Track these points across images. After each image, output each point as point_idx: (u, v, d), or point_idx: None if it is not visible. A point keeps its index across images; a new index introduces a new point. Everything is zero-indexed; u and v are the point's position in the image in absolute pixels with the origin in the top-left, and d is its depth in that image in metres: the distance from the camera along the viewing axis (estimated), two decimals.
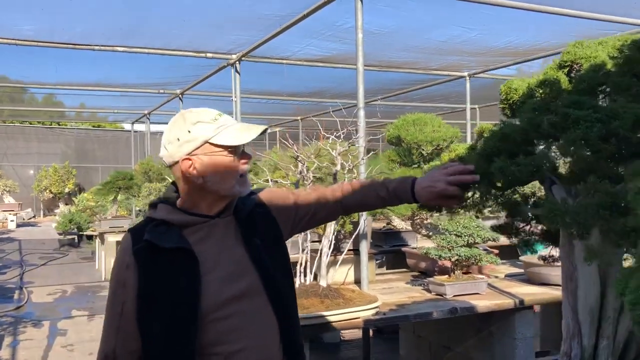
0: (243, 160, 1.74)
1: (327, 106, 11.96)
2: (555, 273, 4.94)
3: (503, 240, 4.55)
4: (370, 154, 4.29)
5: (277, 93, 10.76)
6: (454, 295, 4.49)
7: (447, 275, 4.69)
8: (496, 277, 5.38)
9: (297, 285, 3.91)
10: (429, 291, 4.69)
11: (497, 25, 6.32)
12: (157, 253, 1.65)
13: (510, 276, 5.51)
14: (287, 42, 6.93)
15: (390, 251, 6.43)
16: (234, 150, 1.71)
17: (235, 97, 7.78)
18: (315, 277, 4.12)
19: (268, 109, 12.72)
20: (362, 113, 4.72)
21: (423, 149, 5.52)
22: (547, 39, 6.91)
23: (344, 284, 4.90)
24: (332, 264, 4.40)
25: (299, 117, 15.66)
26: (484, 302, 4.34)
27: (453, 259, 4.48)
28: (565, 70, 2.04)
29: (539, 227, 2.59)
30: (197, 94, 10.50)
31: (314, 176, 3.88)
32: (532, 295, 4.58)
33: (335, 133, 4.02)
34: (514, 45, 7.22)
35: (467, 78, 9.28)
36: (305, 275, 4.08)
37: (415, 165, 5.63)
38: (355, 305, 3.82)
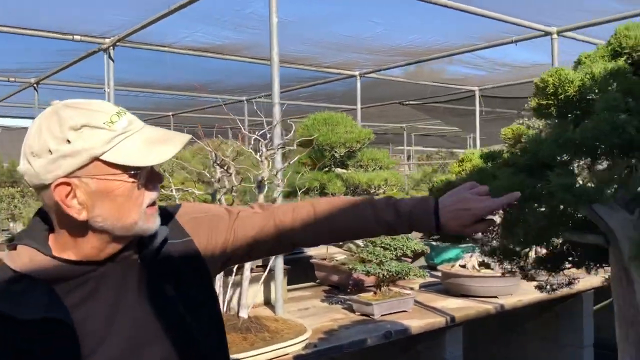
0: (151, 185, 1.16)
1: (208, 102, 11.09)
2: (477, 284, 4.69)
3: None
4: (296, 159, 3.67)
5: (154, 85, 9.68)
6: (382, 315, 4.03)
7: (372, 293, 4.21)
8: (412, 288, 5.03)
9: None
10: (352, 310, 4.19)
11: (405, 19, 6.00)
12: (11, 328, 1.05)
13: (425, 287, 5.20)
14: (174, 27, 6.06)
15: (291, 260, 5.84)
16: (138, 172, 1.12)
17: (108, 87, 6.72)
18: (232, 302, 3.42)
19: (144, 103, 11.50)
20: (277, 109, 4.09)
21: (336, 151, 5.01)
22: (449, 39, 6.74)
23: (254, 308, 4.23)
24: (237, 284, 3.71)
25: (170, 113, 14.49)
26: (416, 322, 3.92)
27: (382, 275, 4.01)
28: (623, 58, 1.60)
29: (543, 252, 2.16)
30: (58, 83, 9.09)
31: (233, 187, 3.18)
32: (460, 311, 4.26)
33: (257, 132, 3.36)
34: (416, 45, 6.97)
35: (358, 77, 8.97)
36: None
37: (327, 169, 5.11)
38: (283, 339, 3.20)
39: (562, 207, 1.59)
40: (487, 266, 4.81)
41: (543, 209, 1.58)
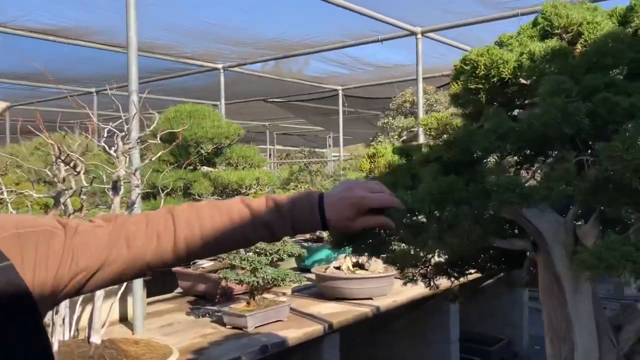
0: None
1: (50, 93, 9.94)
2: (352, 286, 4.52)
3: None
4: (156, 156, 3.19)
5: None
6: (256, 327, 3.68)
7: (245, 303, 3.84)
8: (284, 293, 4.74)
9: (55, 347, 2.62)
10: (223, 323, 3.78)
11: (274, 9, 5.68)
12: None
13: (298, 291, 4.93)
14: (7, 2, 5.20)
15: None
16: None
17: None
18: (81, 322, 2.86)
19: None
20: (135, 98, 3.57)
21: (202, 147, 4.57)
22: (318, 35, 6.56)
23: (109, 327, 3.66)
24: (87, 301, 3.16)
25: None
26: (293, 333, 3.62)
27: (256, 283, 3.65)
28: (554, 39, 1.40)
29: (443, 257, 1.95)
30: None
31: (83, 188, 2.65)
32: (338, 316, 4.04)
33: (111, 124, 2.84)
34: (284, 38, 6.70)
35: (222, 70, 8.51)
36: (64, 327, 2.81)
37: (192, 167, 4.65)
38: None
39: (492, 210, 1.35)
40: (362, 267, 4.67)
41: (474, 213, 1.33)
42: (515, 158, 1.36)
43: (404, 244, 1.55)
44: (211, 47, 7.22)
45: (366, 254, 1.50)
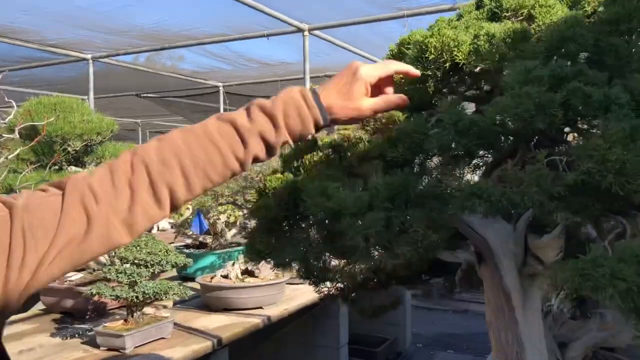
0: None
1: None
2: (241, 296, 4.21)
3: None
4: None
5: None
6: (136, 347, 3.26)
7: (122, 321, 3.39)
8: (165, 306, 4.32)
9: None
10: (96, 345, 3.31)
11: None
12: None
13: (181, 302, 4.52)
14: None
15: None
16: None
17: None
18: None
19: None
20: None
21: (70, 145, 4.03)
22: (199, 25, 6.15)
23: None
24: None
25: None
26: (178, 352, 3.26)
27: (135, 298, 3.23)
28: (504, 22, 1.23)
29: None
30: None
31: None
32: (227, 329, 3.72)
33: None
34: (161, 28, 6.20)
35: (91, 61, 7.78)
36: None
37: (57, 167, 4.10)
38: None
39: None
40: (251, 274, 4.38)
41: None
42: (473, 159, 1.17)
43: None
44: (79, 35, 6.54)
45: (293, 266, 1.25)
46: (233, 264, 4.33)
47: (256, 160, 1.02)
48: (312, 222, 1.09)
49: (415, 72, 1.09)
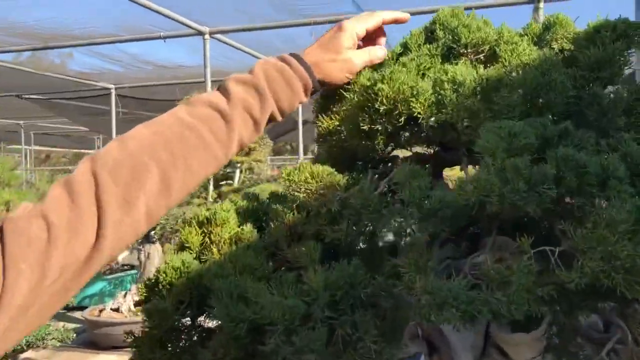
0: None
1: None
2: (134, 331, 3.77)
3: None
4: None
5: None
6: None
7: None
8: (44, 347, 3.79)
9: None
10: None
11: None
12: None
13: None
14: None
15: None
16: None
17: None
18: None
19: None
20: None
21: None
22: (95, 25, 5.56)
23: None
24: None
25: None
26: None
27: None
28: (462, 60, 1.00)
29: None
30: None
31: None
32: None
33: None
34: (44, 25, 5.55)
35: None
36: None
37: None
38: None
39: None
40: None
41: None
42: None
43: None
44: None
45: None
46: (125, 295, 3.88)
47: (241, 144, 0.87)
48: (224, 338, 0.79)
49: (405, 16, 1.05)
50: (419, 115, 0.87)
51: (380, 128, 0.89)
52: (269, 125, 0.93)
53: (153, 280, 0.89)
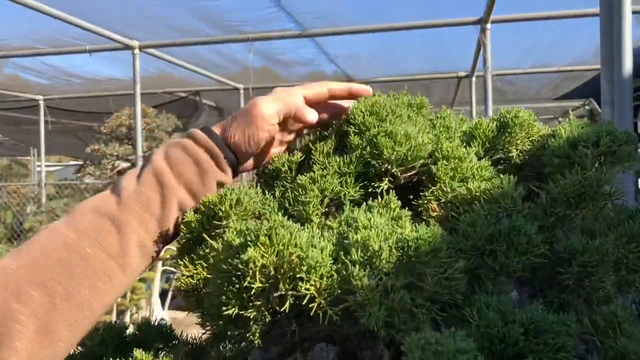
0: None
1: None
2: None
3: None
4: None
5: None
6: None
7: None
8: None
9: None
10: None
11: None
12: None
13: None
14: None
15: None
16: None
17: None
18: None
19: None
20: None
21: None
22: (9, 38, 5.03)
23: None
24: None
25: None
26: None
27: None
28: (385, 179, 0.69)
29: None
30: None
31: None
32: None
33: None
34: None
35: None
36: None
37: None
38: None
39: None
40: None
41: None
42: None
43: None
44: None
45: None
46: None
47: (145, 249, 0.71)
48: None
49: (363, 89, 0.85)
50: (312, 302, 0.56)
51: (254, 315, 0.57)
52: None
53: None
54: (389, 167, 0.72)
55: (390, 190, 0.68)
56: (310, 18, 4.85)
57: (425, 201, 0.68)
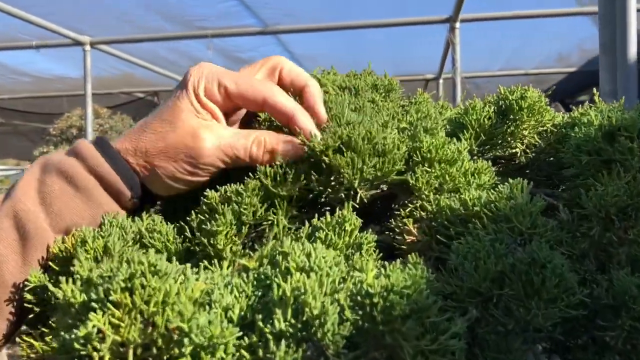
0: None
1: None
2: None
3: None
4: None
5: None
6: None
7: None
8: None
9: None
10: None
11: None
12: None
13: None
14: None
15: None
16: None
17: None
18: None
19: None
20: None
21: None
22: None
23: None
24: None
25: None
26: None
27: None
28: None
29: None
30: None
31: None
32: None
33: None
34: None
35: None
36: None
37: None
38: None
39: None
40: None
41: None
42: None
43: None
44: None
45: None
46: None
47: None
48: None
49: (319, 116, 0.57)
50: None
51: None
52: None
53: None
54: (350, 191, 0.48)
55: (346, 203, 0.45)
56: (274, 14, 4.61)
57: (400, 223, 0.45)
